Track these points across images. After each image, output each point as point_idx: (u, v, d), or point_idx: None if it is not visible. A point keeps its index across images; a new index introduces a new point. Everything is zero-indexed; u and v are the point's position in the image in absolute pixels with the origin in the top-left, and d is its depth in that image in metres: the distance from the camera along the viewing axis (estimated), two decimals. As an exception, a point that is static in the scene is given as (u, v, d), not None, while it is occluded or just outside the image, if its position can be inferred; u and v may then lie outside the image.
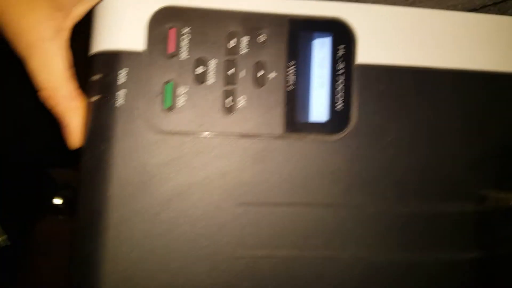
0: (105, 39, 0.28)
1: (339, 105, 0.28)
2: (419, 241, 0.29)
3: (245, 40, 0.28)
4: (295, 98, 0.28)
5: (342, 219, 0.28)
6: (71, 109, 0.28)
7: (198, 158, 0.27)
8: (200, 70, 0.28)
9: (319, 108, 0.28)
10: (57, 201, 0.93)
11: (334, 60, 0.29)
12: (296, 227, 0.28)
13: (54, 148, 0.36)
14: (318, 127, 0.28)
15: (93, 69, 0.28)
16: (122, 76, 0.27)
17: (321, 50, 0.29)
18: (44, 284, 0.85)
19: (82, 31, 0.29)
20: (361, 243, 0.28)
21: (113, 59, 0.27)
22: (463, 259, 0.29)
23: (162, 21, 0.28)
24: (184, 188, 0.27)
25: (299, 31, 0.29)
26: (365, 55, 0.29)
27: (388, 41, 0.29)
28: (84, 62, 0.29)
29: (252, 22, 0.28)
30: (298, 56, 0.29)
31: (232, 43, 0.28)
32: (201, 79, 0.28)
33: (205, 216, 0.27)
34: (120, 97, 0.27)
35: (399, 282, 0.28)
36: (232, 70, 0.28)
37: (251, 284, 0.27)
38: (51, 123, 0.29)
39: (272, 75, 0.28)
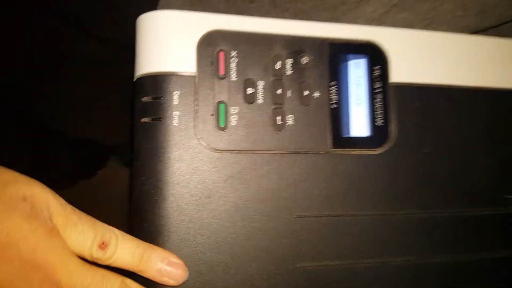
0: (155, 62, 0.29)
1: (379, 121, 0.30)
2: (457, 242, 0.31)
3: (289, 62, 0.30)
4: (339, 115, 0.30)
5: (388, 227, 0.30)
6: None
7: (253, 174, 0.28)
8: (249, 91, 0.29)
9: (361, 124, 0.30)
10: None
11: (371, 80, 0.31)
12: (348, 237, 0.29)
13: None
14: (361, 142, 0.30)
15: (143, 90, 0.29)
16: (176, 98, 0.28)
17: (358, 70, 0.31)
18: None
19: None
20: (408, 248, 0.30)
21: (166, 81, 0.28)
22: (492, 258, 0.31)
23: (210, 44, 0.29)
24: (240, 204, 0.28)
25: (338, 53, 0.30)
26: (397, 75, 0.31)
27: (417, 61, 0.32)
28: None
29: (295, 45, 0.30)
30: (339, 76, 0.30)
31: (278, 65, 0.29)
32: (251, 99, 0.29)
33: (262, 229, 0.28)
34: (175, 118, 0.28)
35: (443, 281, 0.30)
36: (280, 91, 0.29)
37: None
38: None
39: (316, 94, 0.30)
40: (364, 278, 0.29)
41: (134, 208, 0.28)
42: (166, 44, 0.29)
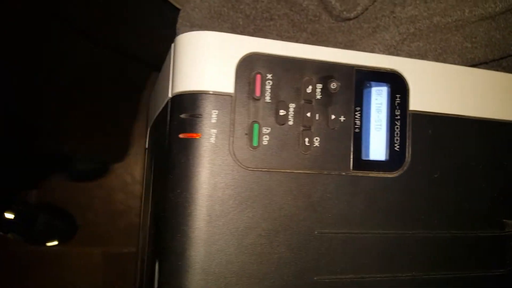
0: (195, 80, 0.30)
1: (396, 147, 0.33)
2: (457, 260, 0.34)
3: (319, 87, 0.32)
4: (361, 139, 0.32)
5: (397, 245, 0.32)
6: None
7: (280, 192, 0.30)
8: (282, 112, 0.31)
9: (380, 148, 0.33)
10: (9, 215, 0.87)
11: (393, 107, 0.33)
12: (362, 253, 0.32)
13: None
14: (379, 166, 0.32)
15: (181, 107, 0.30)
16: (214, 116, 0.29)
17: (381, 97, 0.33)
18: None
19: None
20: (414, 264, 0.33)
21: (205, 100, 0.30)
22: (489, 275, 0.35)
23: (248, 66, 0.30)
24: (267, 217, 0.30)
25: (364, 80, 0.33)
26: (416, 103, 0.33)
27: (433, 91, 0.34)
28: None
29: (325, 70, 0.32)
30: (362, 102, 0.33)
31: (309, 89, 0.31)
32: (282, 120, 0.31)
33: (285, 243, 0.30)
34: (212, 135, 0.29)
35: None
36: (309, 114, 0.31)
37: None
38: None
39: (342, 118, 0.32)
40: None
41: (165, 219, 0.30)
42: (207, 64, 0.30)
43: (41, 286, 0.85)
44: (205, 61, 0.30)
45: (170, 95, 0.32)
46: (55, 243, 0.87)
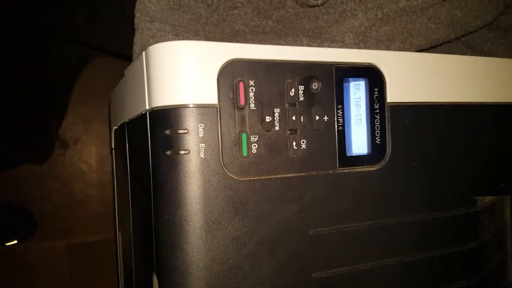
0: (176, 94, 0.29)
1: (377, 140, 0.34)
2: (437, 240, 0.36)
3: (301, 88, 0.31)
4: (344, 136, 0.33)
5: (383, 233, 0.34)
6: None
7: (273, 197, 0.31)
8: (267, 119, 0.30)
9: (362, 143, 0.33)
10: None
11: (371, 101, 0.34)
12: (352, 245, 0.33)
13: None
14: (363, 160, 0.33)
15: (165, 123, 0.29)
16: (201, 130, 0.29)
17: (359, 92, 0.33)
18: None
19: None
20: (399, 249, 0.35)
21: (190, 114, 0.29)
22: (464, 250, 0.37)
23: (229, 74, 0.30)
24: (264, 223, 0.30)
25: (342, 77, 0.33)
26: (393, 95, 0.34)
27: (409, 82, 0.35)
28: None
29: (305, 71, 0.32)
30: (343, 99, 0.33)
31: (292, 92, 0.31)
32: (269, 127, 0.30)
33: (282, 245, 0.31)
34: (201, 150, 0.29)
35: (426, 273, 0.36)
36: (294, 117, 0.31)
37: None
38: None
39: (325, 118, 0.32)
40: (365, 279, 0.33)
41: (162, 238, 0.29)
42: (187, 75, 0.29)
43: (6, 287, 0.82)
44: (185, 72, 0.29)
45: (147, 108, 0.30)
46: (14, 242, 0.83)
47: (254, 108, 0.30)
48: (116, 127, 0.45)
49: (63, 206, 0.86)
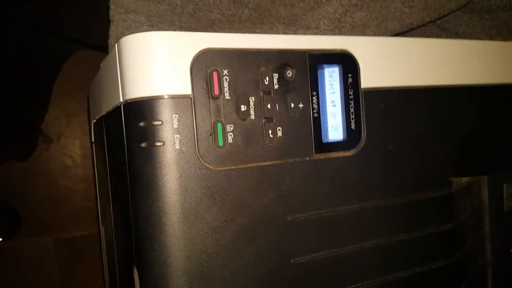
0: (149, 85, 0.29)
1: (353, 125, 0.34)
2: (413, 222, 0.37)
3: (276, 76, 0.32)
4: (320, 123, 0.33)
5: (361, 217, 0.35)
6: None
7: (251, 186, 0.31)
8: (243, 108, 0.30)
9: (337, 129, 0.34)
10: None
11: (346, 87, 0.34)
12: (331, 230, 0.33)
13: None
14: (338, 146, 0.34)
15: (140, 115, 0.29)
16: (175, 121, 0.29)
17: (333, 79, 0.34)
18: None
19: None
20: (376, 232, 0.35)
21: (164, 105, 0.29)
22: (440, 231, 0.38)
23: (202, 64, 0.30)
24: (242, 213, 0.31)
25: (316, 64, 0.33)
26: (367, 80, 0.34)
27: (383, 66, 0.35)
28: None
29: (279, 59, 0.32)
30: (318, 86, 0.33)
31: (266, 80, 0.31)
32: (244, 116, 0.31)
33: (261, 233, 0.31)
34: (176, 141, 0.29)
35: (403, 255, 0.36)
36: (269, 105, 0.31)
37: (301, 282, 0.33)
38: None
39: (300, 105, 0.32)
40: (345, 263, 0.34)
41: (140, 230, 0.29)
42: (159, 66, 0.29)
43: (-7, 285, 0.82)
44: (157, 63, 0.29)
45: (121, 100, 0.30)
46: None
47: (229, 98, 0.30)
48: (94, 121, 0.45)
49: (48, 201, 0.86)
